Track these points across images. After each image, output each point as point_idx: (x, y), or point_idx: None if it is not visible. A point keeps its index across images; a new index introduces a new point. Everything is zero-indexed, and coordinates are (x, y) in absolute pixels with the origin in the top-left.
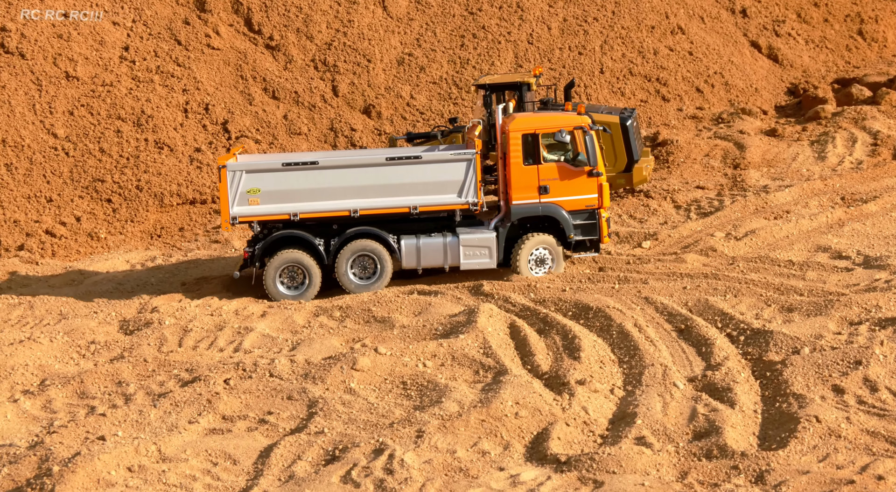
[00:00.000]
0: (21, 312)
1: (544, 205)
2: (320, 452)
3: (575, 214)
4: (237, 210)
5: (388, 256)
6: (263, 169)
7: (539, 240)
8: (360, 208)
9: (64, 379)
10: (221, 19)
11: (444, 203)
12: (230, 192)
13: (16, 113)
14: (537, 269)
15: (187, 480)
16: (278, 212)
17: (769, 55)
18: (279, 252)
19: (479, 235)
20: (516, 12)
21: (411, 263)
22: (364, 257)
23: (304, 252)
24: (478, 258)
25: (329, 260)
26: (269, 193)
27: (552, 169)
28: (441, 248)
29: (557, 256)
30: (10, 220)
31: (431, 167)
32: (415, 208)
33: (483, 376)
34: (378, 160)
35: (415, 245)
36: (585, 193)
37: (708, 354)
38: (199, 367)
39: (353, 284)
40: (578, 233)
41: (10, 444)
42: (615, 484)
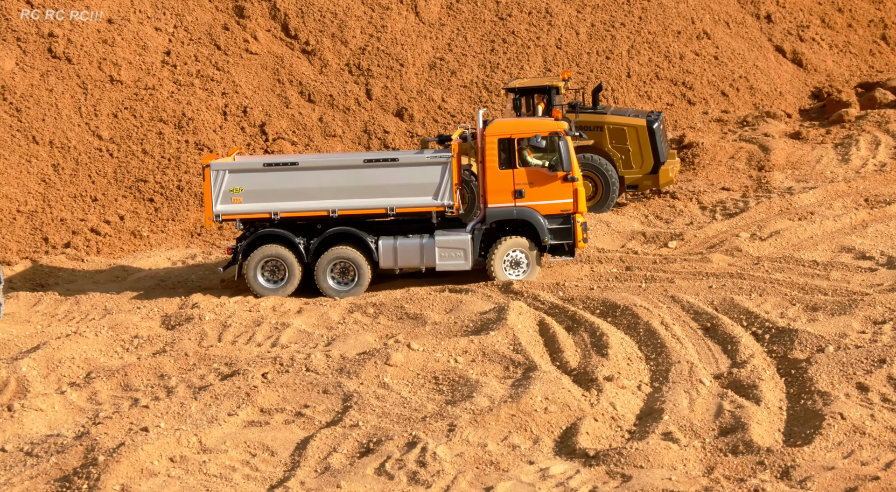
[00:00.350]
0: (68, 307)
1: (519, 209)
2: (355, 444)
3: (550, 218)
4: (220, 208)
5: (366, 261)
6: (245, 169)
7: (513, 243)
8: (339, 208)
9: (109, 372)
10: (259, 25)
11: (420, 205)
12: (214, 190)
13: (62, 116)
14: (512, 271)
15: (227, 470)
16: (260, 211)
17: (793, 60)
18: (260, 247)
19: (453, 237)
20: (545, 18)
21: (388, 263)
22: (342, 263)
23: (286, 248)
24: (453, 260)
25: (309, 258)
26: (251, 192)
27: (528, 173)
28: (417, 249)
29: (532, 259)
30: (56, 218)
31: (408, 170)
32: (391, 209)
33: (513, 371)
34: (356, 162)
35: (392, 245)
36: (560, 197)
37: (733, 352)
38: (238, 361)
39: (332, 290)
40: (553, 237)
41: (57, 434)
42: (643, 478)
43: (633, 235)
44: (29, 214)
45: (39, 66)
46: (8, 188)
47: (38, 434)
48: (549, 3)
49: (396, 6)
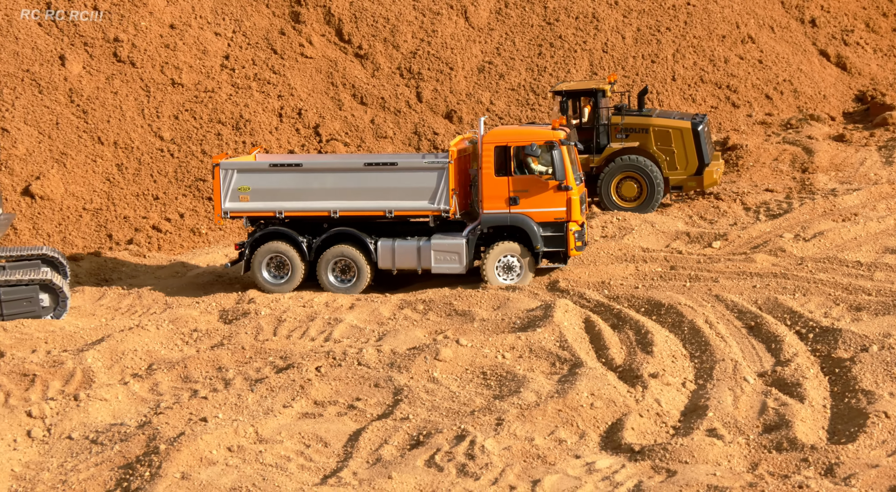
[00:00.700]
0: (130, 301)
1: (513, 215)
2: (405, 437)
3: (543, 225)
4: (229, 205)
5: (366, 261)
6: (252, 169)
7: (506, 248)
8: (340, 209)
9: (169, 364)
10: (314, 30)
11: (417, 208)
12: (223, 188)
13: (126, 117)
14: (505, 276)
15: (282, 460)
16: (265, 209)
17: (837, 63)
18: (266, 244)
19: (449, 241)
20: (592, 22)
21: (386, 263)
22: (343, 261)
23: (290, 246)
24: (447, 263)
25: (311, 256)
26: (258, 191)
27: (523, 181)
28: (414, 251)
29: (525, 264)
30: (120, 216)
31: (406, 174)
32: (390, 212)
33: (559, 367)
34: (357, 165)
35: (390, 247)
36: (554, 205)
37: (777, 351)
38: (293, 355)
39: (333, 286)
40: (546, 244)
41: (121, 423)
42: (687, 473)
43: (677, 235)
44: (94, 211)
45: (105, 70)
46: (75, 187)
47: (102, 423)
48: (596, 8)
49: (447, 11)
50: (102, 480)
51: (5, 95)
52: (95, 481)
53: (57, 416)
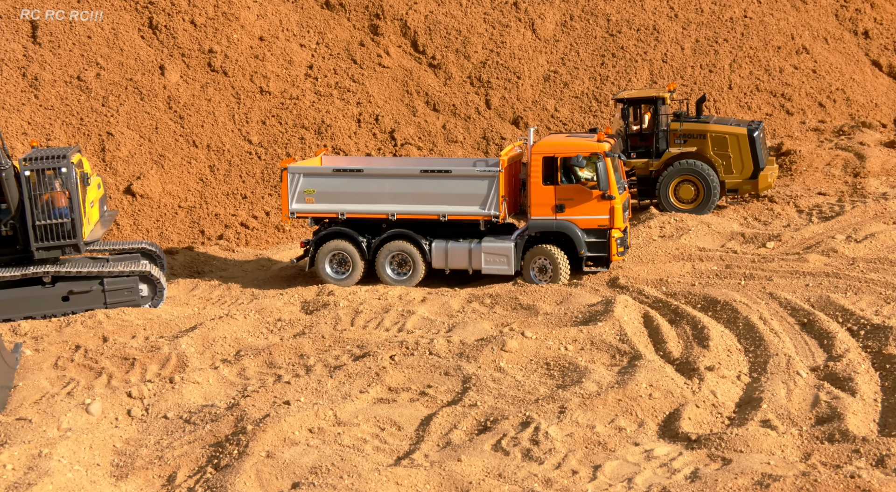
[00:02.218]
0: (220, 292)
1: (559, 222)
2: (473, 422)
3: (588, 232)
4: (295, 206)
5: (421, 258)
6: (317, 173)
7: (542, 251)
8: (397, 212)
9: (255, 351)
10: (391, 41)
11: (469, 213)
12: (290, 191)
13: (218, 122)
14: (539, 276)
15: (359, 442)
16: (329, 211)
17: (889, 73)
18: (329, 242)
19: (498, 244)
20: (652, 34)
21: (440, 263)
22: (400, 255)
23: (350, 244)
24: (497, 265)
25: (369, 255)
26: (322, 193)
27: (569, 190)
28: (466, 253)
29: (556, 266)
30: (212, 213)
31: (459, 181)
32: (444, 216)
33: (619, 359)
34: (413, 172)
35: (443, 248)
36: (598, 213)
37: (829, 347)
38: (369, 344)
39: (391, 279)
40: (589, 249)
41: (211, 405)
42: (742, 462)
43: (732, 236)
44: (188, 209)
45: (200, 79)
46: (171, 186)
47: (195, 404)
48: (657, 21)
49: (515, 24)
50: (195, 456)
51: (111, 102)
52: (188, 457)
53: (154, 397)
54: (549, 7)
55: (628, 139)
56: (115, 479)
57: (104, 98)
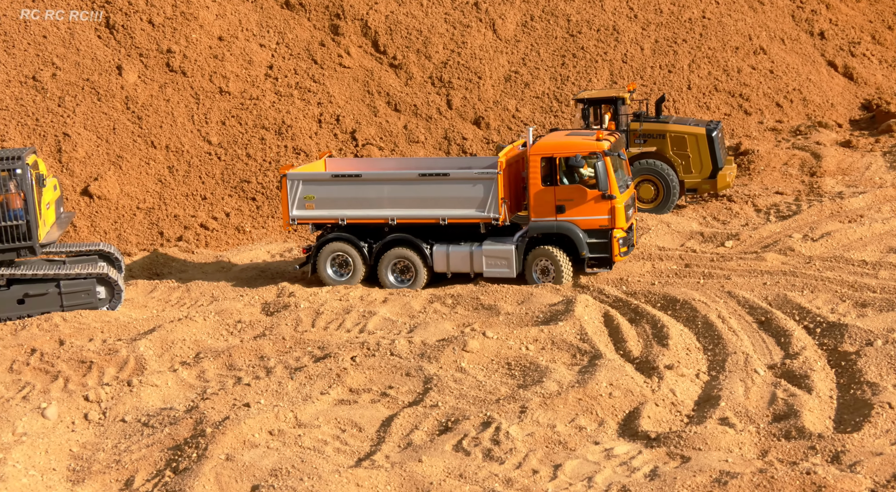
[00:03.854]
0: (179, 294)
1: (559, 223)
2: (435, 423)
3: (589, 232)
4: (296, 213)
5: (422, 263)
6: (316, 179)
7: (543, 252)
8: (396, 217)
9: (215, 353)
10: (352, 41)
11: (468, 216)
12: (290, 197)
13: (177, 123)
14: (542, 278)
15: (319, 444)
16: (329, 216)
17: (845, 74)
18: (330, 246)
19: (499, 247)
20: (612, 34)
21: (441, 267)
22: (402, 262)
23: (352, 249)
24: (498, 268)
25: (371, 260)
26: (322, 199)
27: (568, 190)
28: (467, 256)
29: (559, 267)
30: (171, 215)
31: (458, 184)
32: (443, 219)
33: (580, 359)
34: (412, 176)
35: (444, 252)
36: (598, 214)
37: (786, 345)
38: (330, 345)
39: (392, 285)
40: (590, 250)
41: (170, 407)
42: (701, 459)
43: (691, 235)
44: (147, 210)
45: (158, 79)
46: (129, 187)
47: (153, 407)
48: (617, 21)
49: (476, 24)
50: (153, 460)
51: (67, 103)
52: (146, 461)
53: (112, 400)
54: (509, 7)
55: None
56: (72, 484)
57: (60, 98)
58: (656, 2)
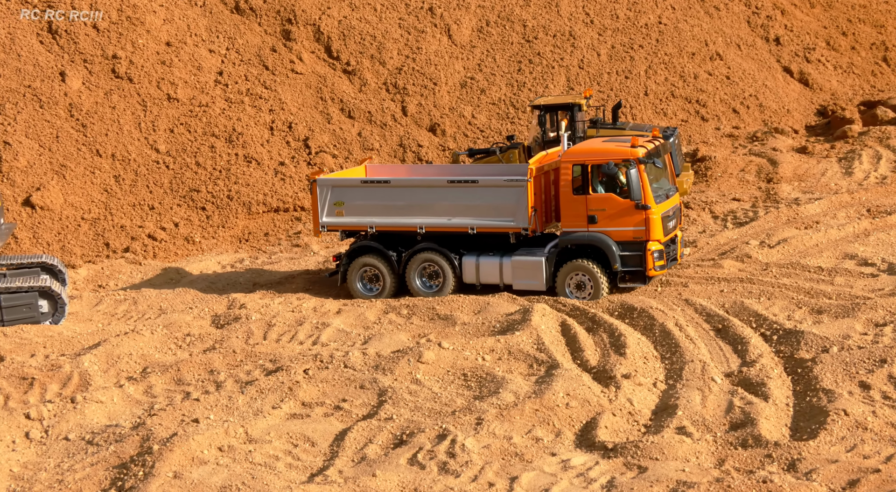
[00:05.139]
0: (126, 307)
1: (591, 234)
2: (389, 436)
3: (622, 244)
4: (326, 220)
5: (452, 271)
6: (346, 184)
7: (578, 266)
8: (425, 225)
9: (163, 367)
10: (304, 47)
11: (497, 226)
12: (320, 203)
13: (124, 130)
14: (577, 293)
15: (271, 459)
16: (359, 223)
17: (800, 79)
18: (359, 258)
19: (529, 258)
20: (569, 40)
21: (471, 278)
22: (431, 267)
23: (380, 259)
24: (528, 279)
25: (400, 269)
26: (351, 206)
27: (601, 199)
28: (496, 266)
29: (597, 282)
30: (117, 225)
31: (487, 191)
32: (472, 229)
33: (537, 369)
34: (440, 182)
35: (474, 263)
36: (632, 225)
37: (743, 352)
38: (282, 358)
39: (421, 292)
40: (623, 263)
41: (116, 424)
42: (658, 469)
43: None
44: (92, 221)
45: (104, 85)
46: (74, 197)
47: (98, 424)
48: (573, 27)
49: (431, 29)
50: (98, 479)
51: (7, 110)
52: (91, 480)
53: (54, 418)
54: (465, 12)
55: (545, 146)
56: None
57: (0, 106)
58: (612, 7)
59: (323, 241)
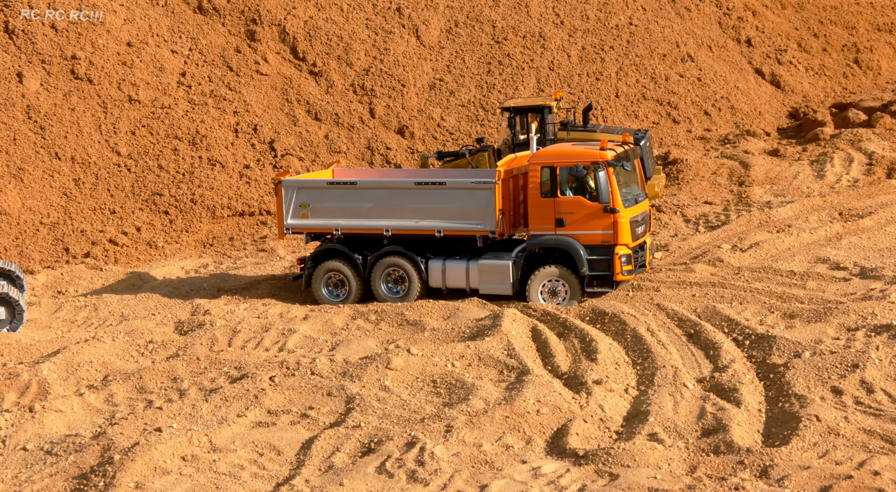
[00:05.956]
0: (87, 313)
1: (559, 237)
2: (357, 444)
3: (591, 248)
4: (291, 222)
5: (417, 276)
6: (312, 186)
7: (552, 271)
8: (392, 228)
9: (125, 375)
10: (269, 48)
11: (464, 229)
12: (285, 205)
13: (84, 133)
14: (550, 299)
15: (235, 469)
16: (324, 225)
17: (772, 81)
18: (325, 262)
19: (495, 262)
20: (539, 41)
21: (437, 282)
22: (396, 272)
23: (346, 263)
24: (494, 284)
25: (365, 273)
26: (317, 208)
27: (569, 203)
28: (464, 271)
29: (572, 288)
30: (77, 230)
31: (454, 193)
32: (439, 232)
33: (507, 375)
34: (408, 184)
35: (441, 266)
36: (600, 228)
37: (715, 357)
38: (247, 365)
39: (387, 297)
40: (591, 268)
41: (75, 434)
42: (629, 477)
43: None
44: (51, 225)
45: (62, 87)
46: (32, 201)
47: (57, 434)
48: (543, 28)
49: (399, 30)
50: (57, 490)
51: None
52: (49, 491)
53: (12, 427)
54: (433, 13)
55: (515, 148)
56: None
57: None
58: (583, 8)
59: (289, 245)
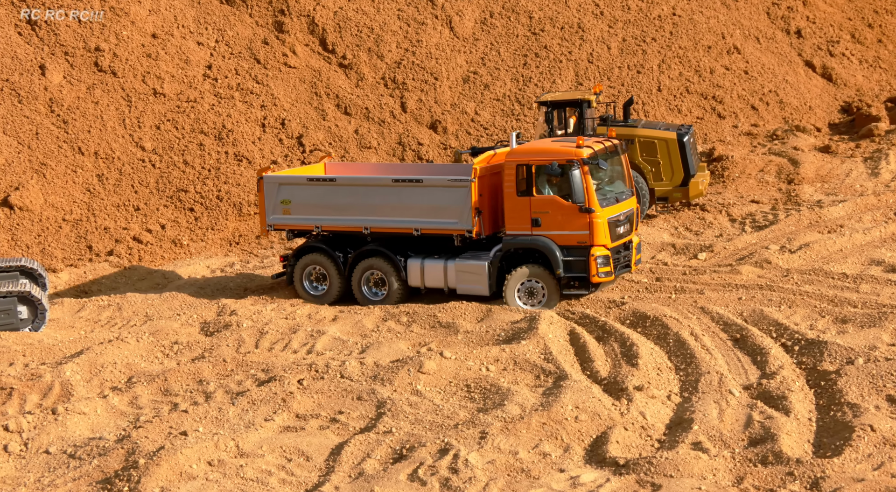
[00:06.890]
0: (110, 313)
1: (534, 237)
2: (388, 450)
3: (567, 249)
4: (273, 218)
5: (395, 273)
6: (292, 182)
7: (528, 272)
8: (371, 226)
9: (149, 377)
10: (298, 39)
11: (441, 227)
12: (267, 201)
13: (107, 127)
14: (528, 301)
15: (263, 474)
16: (306, 223)
17: (823, 74)
18: (306, 256)
19: (471, 262)
20: (577, 33)
21: (416, 281)
22: (376, 274)
23: (327, 259)
24: (471, 284)
25: (346, 271)
26: (298, 204)
27: (545, 202)
28: (441, 270)
29: (550, 289)
30: (100, 227)
31: (431, 191)
32: (417, 230)
33: (544, 380)
34: (385, 181)
35: (419, 265)
36: (576, 228)
37: (763, 363)
38: (275, 367)
39: (366, 299)
40: (566, 269)
41: (99, 437)
42: (672, 487)
43: (662, 247)
44: (74, 222)
45: (86, 80)
46: (54, 198)
47: (80, 437)
48: (582, 19)
49: (431, 21)
50: None
51: None
52: None
53: (34, 430)
54: (467, 3)
55: None
56: None
57: None
58: None
59: None
